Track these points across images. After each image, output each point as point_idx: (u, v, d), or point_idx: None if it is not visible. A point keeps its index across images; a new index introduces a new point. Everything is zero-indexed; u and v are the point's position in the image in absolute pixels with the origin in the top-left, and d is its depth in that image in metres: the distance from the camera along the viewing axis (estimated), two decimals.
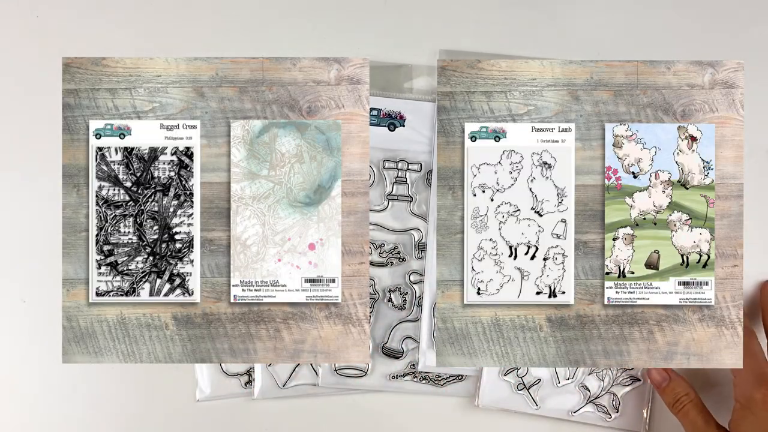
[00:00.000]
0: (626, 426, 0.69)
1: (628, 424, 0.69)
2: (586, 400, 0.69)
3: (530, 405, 0.69)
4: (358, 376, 0.69)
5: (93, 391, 0.70)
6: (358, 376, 0.69)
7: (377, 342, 0.69)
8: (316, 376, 0.69)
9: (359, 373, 0.69)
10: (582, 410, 0.69)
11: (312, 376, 0.69)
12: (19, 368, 0.70)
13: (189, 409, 0.70)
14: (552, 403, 0.69)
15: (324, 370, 0.69)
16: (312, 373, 0.69)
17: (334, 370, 0.69)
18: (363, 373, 0.69)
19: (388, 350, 0.69)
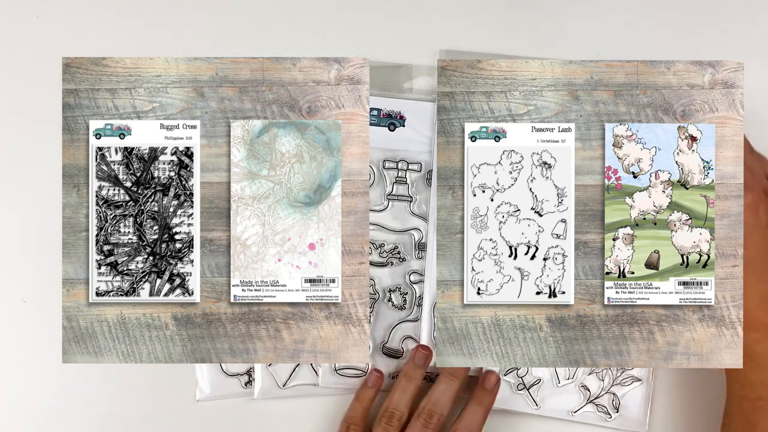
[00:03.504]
0: (627, 426, 0.69)
1: (629, 424, 0.69)
2: (586, 400, 0.69)
3: (530, 405, 0.69)
4: (358, 376, 0.69)
5: (93, 391, 0.70)
6: (358, 376, 0.69)
7: (377, 342, 0.69)
8: (316, 376, 0.69)
9: (359, 373, 0.69)
10: (582, 410, 0.69)
11: (312, 376, 0.69)
12: (19, 368, 0.70)
13: (189, 409, 0.70)
14: (552, 403, 0.69)
15: (324, 370, 0.69)
16: (312, 373, 0.69)
17: (334, 370, 0.69)
18: (363, 373, 0.69)
19: (388, 350, 0.69)
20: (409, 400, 0.66)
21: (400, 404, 0.65)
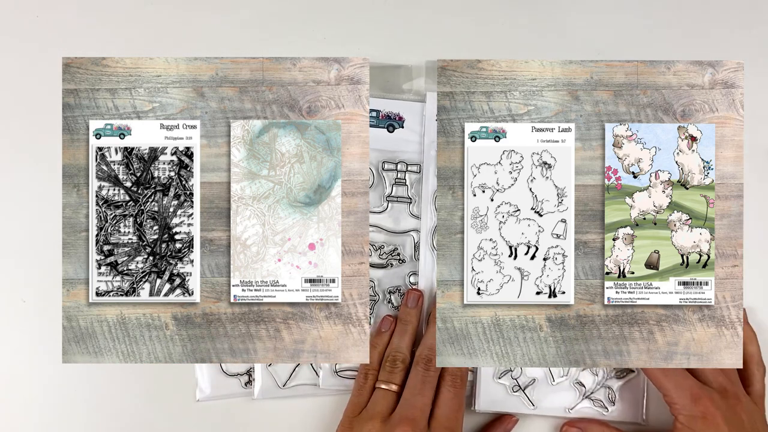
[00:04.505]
0: (624, 417, 0.69)
1: (626, 415, 0.69)
2: (582, 396, 0.69)
3: (527, 405, 0.69)
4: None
5: (93, 391, 0.70)
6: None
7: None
8: (317, 376, 0.69)
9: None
10: (579, 406, 0.69)
11: (312, 376, 0.69)
12: (19, 368, 0.69)
13: (189, 409, 0.70)
14: (548, 401, 0.69)
15: (325, 372, 0.69)
16: (312, 373, 0.69)
17: (334, 371, 0.69)
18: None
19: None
20: (409, 342, 0.67)
21: (401, 347, 0.66)
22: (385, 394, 0.64)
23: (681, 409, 0.64)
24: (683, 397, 0.64)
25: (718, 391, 0.64)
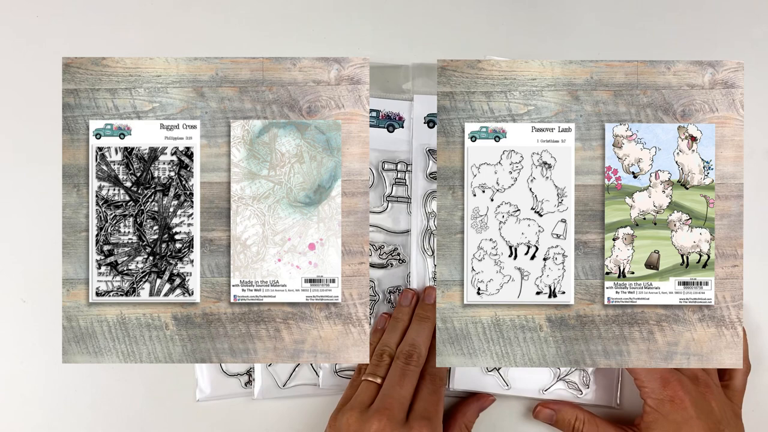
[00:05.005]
0: (598, 401, 0.70)
1: (600, 399, 0.70)
2: (556, 378, 0.70)
3: (502, 386, 0.69)
4: None
5: (93, 391, 0.70)
6: None
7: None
8: (317, 376, 0.69)
9: None
10: (553, 388, 0.70)
11: (312, 376, 0.69)
12: (19, 368, 0.69)
13: (189, 409, 0.70)
14: (523, 382, 0.70)
15: (325, 372, 0.69)
16: (312, 373, 0.69)
17: (334, 371, 0.69)
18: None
19: None
20: (398, 338, 0.67)
21: (390, 342, 0.67)
22: (368, 386, 0.64)
23: (650, 392, 0.64)
24: (653, 381, 0.64)
25: (689, 377, 0.65)
